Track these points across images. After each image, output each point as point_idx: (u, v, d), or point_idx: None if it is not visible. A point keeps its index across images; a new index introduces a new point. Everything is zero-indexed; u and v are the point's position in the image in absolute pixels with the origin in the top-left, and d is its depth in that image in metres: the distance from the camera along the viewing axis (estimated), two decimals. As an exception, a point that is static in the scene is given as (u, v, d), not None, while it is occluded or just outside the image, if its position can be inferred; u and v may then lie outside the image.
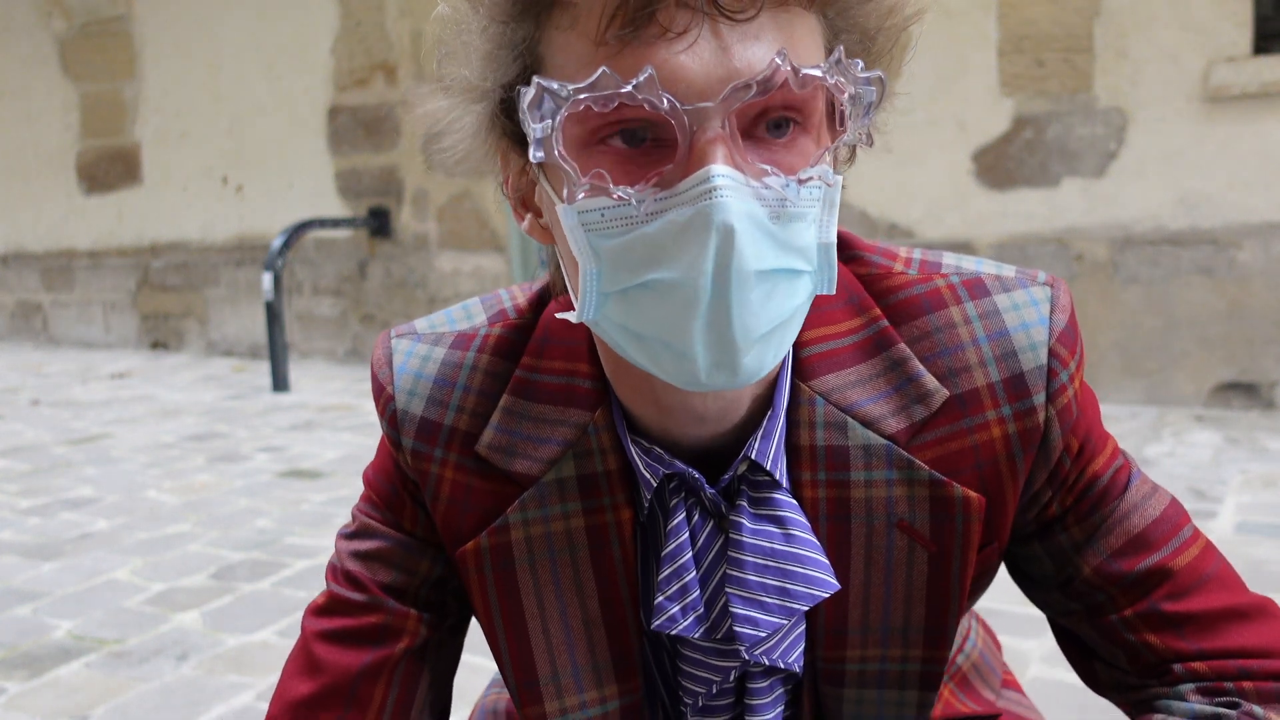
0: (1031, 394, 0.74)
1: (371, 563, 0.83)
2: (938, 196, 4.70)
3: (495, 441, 0.78)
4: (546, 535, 0.77)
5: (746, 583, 0.75)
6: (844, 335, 0.77)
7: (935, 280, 0.78)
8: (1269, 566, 2.51)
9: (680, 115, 0.60)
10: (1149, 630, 0.76)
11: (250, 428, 4.68)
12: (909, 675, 0.79)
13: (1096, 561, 0.77)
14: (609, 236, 0.63)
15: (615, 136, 0.63)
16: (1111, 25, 4.33)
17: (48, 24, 7.76)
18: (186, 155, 7.21)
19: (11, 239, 8.34)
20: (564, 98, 0.61)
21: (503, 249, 6.00)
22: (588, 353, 0.78)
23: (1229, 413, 4.23)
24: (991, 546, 0.78)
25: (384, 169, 6.36)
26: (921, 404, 0.74)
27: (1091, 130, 4.40)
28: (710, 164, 0.60)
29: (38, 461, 4.15)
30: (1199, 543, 0.79)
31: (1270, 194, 4.14)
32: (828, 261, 0.67)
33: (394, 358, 0.82)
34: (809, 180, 0.63)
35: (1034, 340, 0.75)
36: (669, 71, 0.60)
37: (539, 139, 0.62)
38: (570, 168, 0.63)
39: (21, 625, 2.44)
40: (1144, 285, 4.36)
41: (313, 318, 6.78)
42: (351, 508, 0.88)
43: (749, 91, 0.60)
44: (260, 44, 6.72)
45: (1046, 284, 0.77)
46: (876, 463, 0.74)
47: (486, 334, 0.82)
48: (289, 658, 0.85)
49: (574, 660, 0.78)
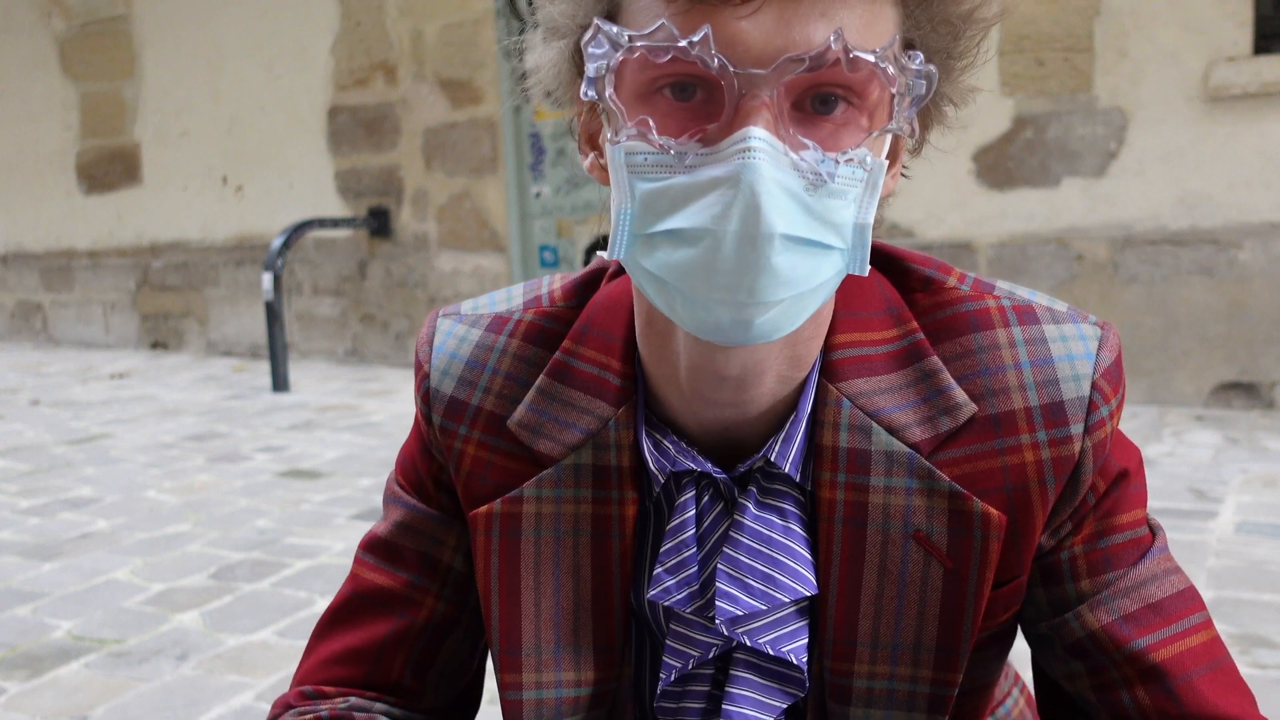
0: (1070, 423, 0.74)
1: (405, 531, 0.87)
2: (938, 196, 4.70)
3: (525, 419, 0.81)
4: (556, 515, 0.80)
5: (738, 563, 0.76)
6: (878, 344, 0.77)
7: (987, 300, 0.78)
8: (1269, 566, 2.51)
9: (730, 77, 0.62)
10: (1147, 695, 0.75)
11: (250, 428, 4.68)
12: (918, 697, 0.78)
13: (1106, 620, 0.76)
14: (648, 180, 0.65)
15: (669, 88, 0.65)
16: (1112, 25, 4.33)
17: (48, 24, 7.75)
18: (186, 155, 7.20)
19: (11, 239, 8.34)
20: (621, 43, 0.64)
21: (503, 249, 6.00)
22: (622, 348, 0.80)
23: (1229, 413, 4.23)
24: (1014, 583, 0.77)
25: (384, 169, 6.36)
26: (948, 416, 0.74)
27: (1092, 130, 4.40)
28: (750, 126, 0.62)
29: (38, 461, 4.15)
30: (1210, 631, 0.78)
31: (1270, 194, 4.14)
32: (862, 242, 0.67)
33: (435, 337, 0.86)
34: (849, 160, 0.64)
35: (1078, 372, 0.75)
36: (728, 35, 0.62)
37: (591, 79, 0.66)
38: (618, 109, 0.66)
39: (21, 625, 2.44)
40: (1144, 285, 4.36)
41: (313, 318, 6.78)
42: (387, 479, 0.93)
43: (800, 65, 0.62)
44: (260, 44, 6.72)
45: (1098, 324, 0.77)
46: (897, 470, 0.74)
47: (520, 319, 0.85)
48: (329, 607, 0.90)
49: (558, 639, 0.80)
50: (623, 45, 0.64)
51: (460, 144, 6.05)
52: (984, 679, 0.84)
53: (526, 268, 6.07)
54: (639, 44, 0.63)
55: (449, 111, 6.06)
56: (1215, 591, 2.37)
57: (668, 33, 0.62)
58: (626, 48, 0.64)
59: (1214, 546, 2.66)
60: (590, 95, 0.66)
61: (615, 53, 0.65)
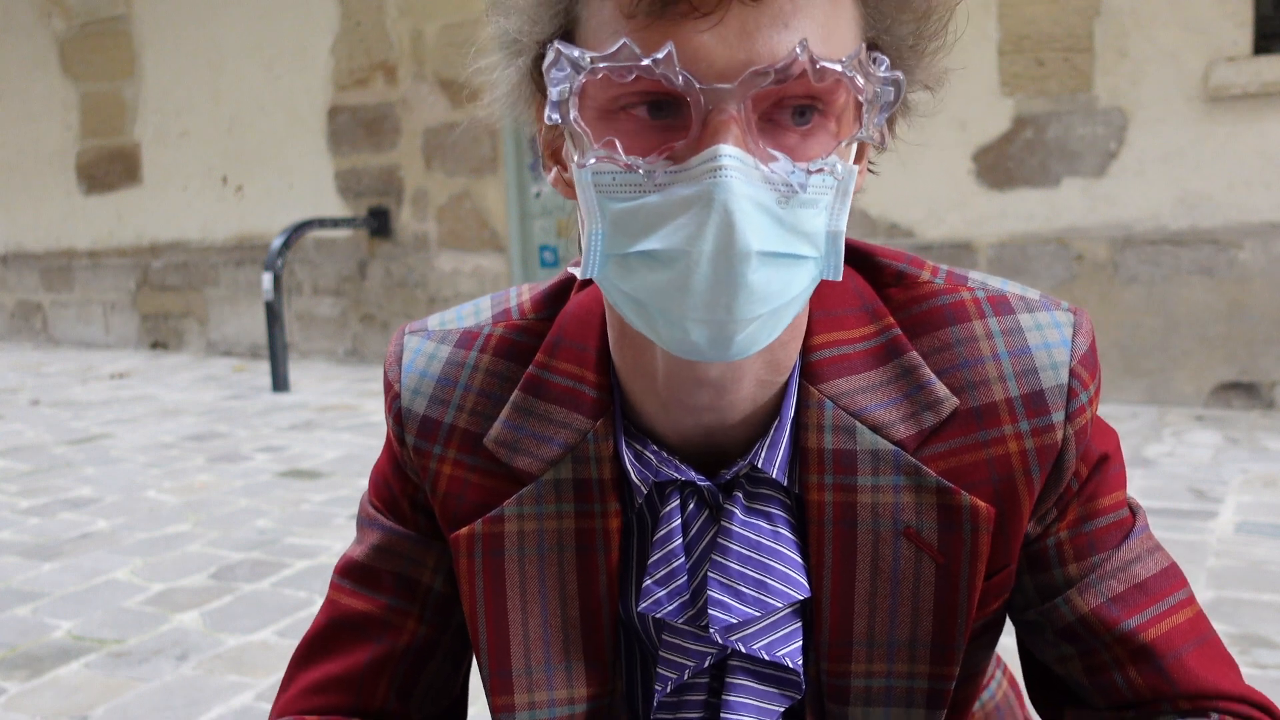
0: (1050, 411, 0.74)
1: (382, 554, 0.85)
2: (938, 196, 4.70)
3: (502, 436, 0.79)
4: (539, 532, 0.79)
5: (728, 570, 0.76)
6: (856, 341, 0.77)
7: (961, 292, 0.78)
8: (1269, 566, 2.51)
9: (696, 94, 0.61)
10: (1139, 674, 0.76)
11: (250, 428, 4.68)
12: (916, 693, 0.78)
13: (1095, 603, 0.77)
14: (617, 200, 0.64)
15: (636, 106, 0.64)
16: (1111, 25, 4.33)
17: (48, 24, 7.76)
18: (186, 155, 7.21)
19: (11, 239, 8.34)
20: (583, 65, 0.63)
21: (503, 249, 6.00)
22: (596, 360, 0.78)
23: (1229, 413, 4.23)
24: (1004, 572, 0.77)
25: (384, 169, 6.36)
26: (931, 411, 0.74)
27: (1092, 130, 4.40)
28: (719, 143, 0.61)
29: (38, 461, 4.15)
30: (1194, 607, 0.79)
31: (1270, 194, 4.14)
32: (835, 249, 0.66)
33: (403, 355, 0.84)
34: (818, 170, 0.64)
35: (1055, 360, 0.75)
36: (691, 50, 0.61)
37: (555, 102, 0.64)
38: (584, 132, 0.64)
39: (21, 625, 2.44)
40: (1144, 285, 4.36)
41: (313, 318, 6.78)
42: (360, 500, 0.91)
43: (766, 78, 0.61)
44: (260, 44, 6.72)
45: (1070, 310, 0.78)
46: (884, 468, 0.74)
47: (489, 333, 0.83)
48: (306, 635, 0.88)
49: (548, 657, 0.79)
50: (585, 67, 0.62)
51: (460, 144, 6.05)
52: (975, 667, 0.84)
53: (526, 268, 6.07)
54: (601, 65, 0.62)
55: (449, 111, 6.06)
56: (1215, 591, 2.37)
57: (630, 52, 0.61)
58: (589, 69, 0.62)
59: (1214, 546, 2.66)
60: (554, 119, 0.64)
61: (578, 75, 0.63)
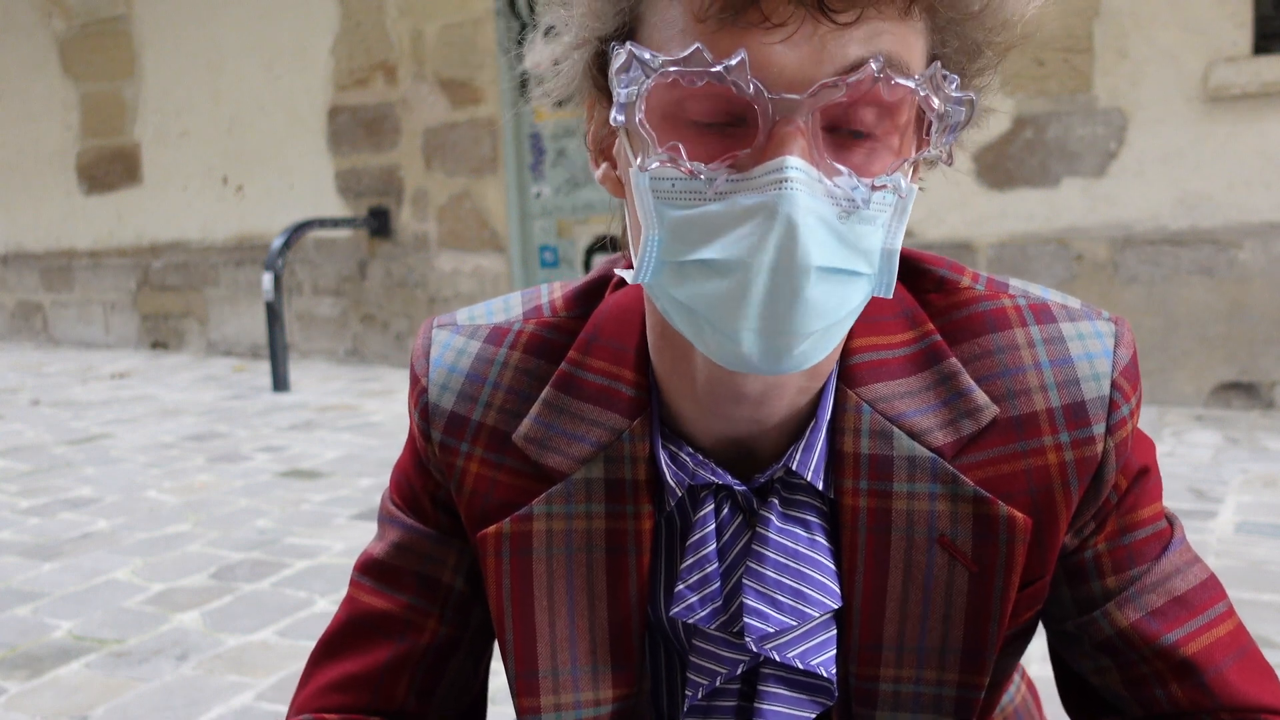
0: (1092, 423, 0.73)
1: (402, 552, 0.84)
2: (938, 196, 4.70)
3: (532, 433, 0.78)
4: (568, 532, 0.78)
5: (765, 578, 0.75)
6: (896, 347, 0.76)
7: (1002, 299, 0.77)
8: (1269, 566, 2.51)
9: (765, 102, 0.60)
10: (1180, 689, 0.75)
11: (250, 428, 4.68)
12: (944, 700, 0.77)
13: (1135, 617, 0.76)
14: (676, 207, 0.63)
15: (699, 112, 0.63)
16: (1111, 25, 4.33)
17: (48, 24, 7.75)
18: (186, 155, 7.21)
19: (11, 239, 8.34)
20: (654, 68, 0.62)
21: (503, 249, 6.00)
22: (634, 359, 0.78)
23: (1229, 413, 4.23)
24: (1039, 583, 0.77)
25: (384, 169, 6.36)
26: (970, 419, 0.73)
27: (1091, 130, 4.40)
28: (785, 155, 0.60)
29: (38, 461, 4.15)
30: (1234, 619, 0.79)
31: (1270, 194, 4.14)
32: (889, 266, 0.66)
33: (432, 349, 0.83)
34: (882, 187, 0.63)
35: (1097, 371, 0.74)
36: (762, 59, 0.60)
37: (621, 104, 0.63)
38: (648, 136, 0.63)
39: (21, 625, 2.44)
40: (1144, 285, 4.36)
41: (313, 318, 6.78)
42: (381, 497, 0.90)
43: (837, 91, 0.60)
44: (260, 44, 6.72)
45: (1111, 320, 0.77)
46: (920, 475, 0.73)
47: (520, 330, 0.82)
48: (325, 633, 0.87)
49: (575, 659, 0.78)
50: (655, 70, 0.62)
51: (460, 144, 6.05)
52: (1002, 674, 0.84)
53: (527, 268, 6.07)
54: (672, 69, 0.61)
55: (449, 111, 6.06)
56: (1215, 591, 2.37)
57: (701, 57, 0.60)
58: (659, 72, 0.61)
59: (1214, 546, 2.66)
60: (619, 120, 0.64)
61: (647, 78, 0.62)
